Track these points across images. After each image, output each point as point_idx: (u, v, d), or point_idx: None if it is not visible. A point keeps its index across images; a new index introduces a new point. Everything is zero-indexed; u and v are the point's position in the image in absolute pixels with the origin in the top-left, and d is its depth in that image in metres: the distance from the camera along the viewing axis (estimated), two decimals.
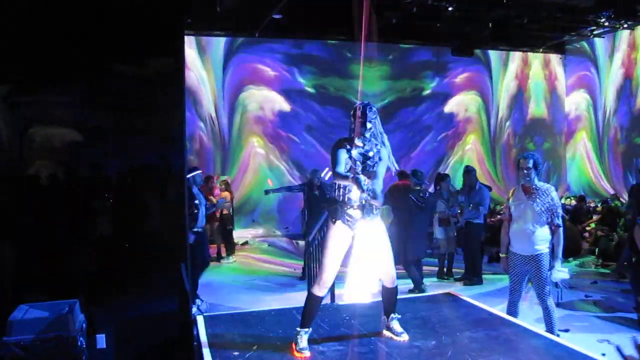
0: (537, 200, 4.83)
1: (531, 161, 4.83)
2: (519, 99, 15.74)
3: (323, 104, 13.78)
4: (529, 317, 5.68)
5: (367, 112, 3.97)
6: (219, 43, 13.16)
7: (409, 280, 7.55)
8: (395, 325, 4.23)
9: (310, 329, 4.02)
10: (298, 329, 3.99)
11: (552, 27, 12.94)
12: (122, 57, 4.60)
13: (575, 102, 15.53)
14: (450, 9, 10.83)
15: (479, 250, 8.58)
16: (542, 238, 4.84)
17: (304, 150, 13.64)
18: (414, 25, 12.11)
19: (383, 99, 14.10)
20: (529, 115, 15.85)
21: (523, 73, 15.73)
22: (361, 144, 3.98)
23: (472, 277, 8.32)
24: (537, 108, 15.90)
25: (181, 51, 4.87)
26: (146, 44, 4.65)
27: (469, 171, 8.61)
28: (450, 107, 15.12)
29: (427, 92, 14.80)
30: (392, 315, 4.24)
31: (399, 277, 4.24)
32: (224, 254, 10.39)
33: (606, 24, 12.31)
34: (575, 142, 15.56)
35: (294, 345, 3.96)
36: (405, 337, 4.15)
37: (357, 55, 13.80)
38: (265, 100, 13.50)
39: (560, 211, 4.88)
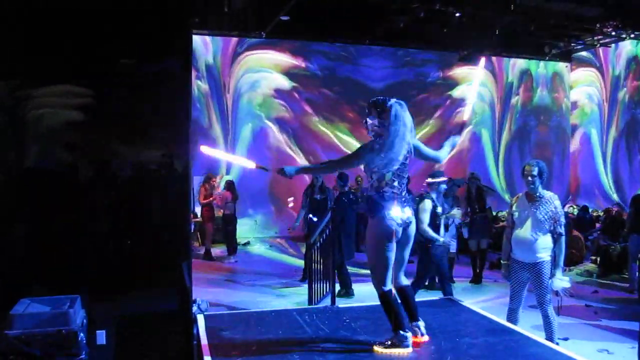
0: (541, 208, 4.84)
1: (536, 169, 4.85)
2: (523, 103, 15.92)
3: (331, 99, 13.99)
4: (529, 325, 5.68)
5: (369, 107, 4.00)
6: (225, 43, 13.25)
7: None
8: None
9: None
10: (401, 332, 3.93)
11: (558, 35, 12.95)
12: (129, 54, 4.59)
13: (581, 96, 15.68)
14: (457, 14, 10.84)
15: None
16: (544, 246, 4.84)
17: (318, 142, 13.87)
18: (421, 30, 12.13)
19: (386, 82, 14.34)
20: (535, 122, 16.04)
21: (528, 77, 15.92)
22: None
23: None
24: (539, 99, 16.05)
25: (188, 50, 4.87)
26: (154, 42, 4.65)
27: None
28: (454, 105, 15.20)
29: (430, 88, 14.98)
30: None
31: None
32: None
33: (613, 33, 12.31)
34: (581, 137, 15.73)
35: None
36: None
37: (363, 58, 14.15)
38: (270, 100, 13.60)
39: (563, 220, 4.88)
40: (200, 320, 4.68)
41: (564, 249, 4.90)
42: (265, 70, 13.59)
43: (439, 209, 6.40)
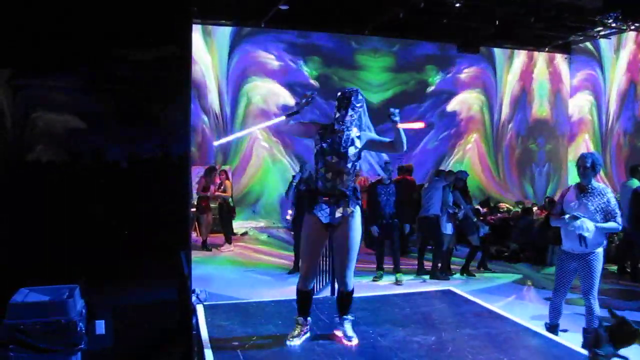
0: (592, 199, 4.79)
1: (590, 161, 4.82)
2: (523, 98, 15.69)
3: (327, 98, 13.75)
4: (527, 315, 5.69)
5: (352, 98, 3.94)
6: (224, 32, 13.09)
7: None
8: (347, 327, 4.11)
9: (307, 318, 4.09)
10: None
11: (558, 26, 12.90)
12: (128, 43, 4.54)
13: (579, 104, 15.40)
14: (457, 5, 10.79)
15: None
16: (594, 237, 4.76)
17: (307, 145, 13.59)
18: (421, 20, 12.07)
19: (386, 89, 14.18)
20: (532, 116, 15.78)
21: (527, 72, 15.65)
22: (339, 130, 3.97)
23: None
24: (540, 108, 15.82)
25: (188, 38, 4.82)
26: (152, 30, 4.59)
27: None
28: (453, 105, 15.06)
29: (430, 88, 14.76)
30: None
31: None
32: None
33: (613, 25, 12.25)
34: (578, 145, 15.42)
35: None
36: (354, 342, 3.98)
37: (363, 47, 14.00)
38: (269, 93, 13.44)
39: (618, 211, 4.80)
40: (200, 310, 4.67)
41: (612, 228, 4.84)
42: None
43: None
